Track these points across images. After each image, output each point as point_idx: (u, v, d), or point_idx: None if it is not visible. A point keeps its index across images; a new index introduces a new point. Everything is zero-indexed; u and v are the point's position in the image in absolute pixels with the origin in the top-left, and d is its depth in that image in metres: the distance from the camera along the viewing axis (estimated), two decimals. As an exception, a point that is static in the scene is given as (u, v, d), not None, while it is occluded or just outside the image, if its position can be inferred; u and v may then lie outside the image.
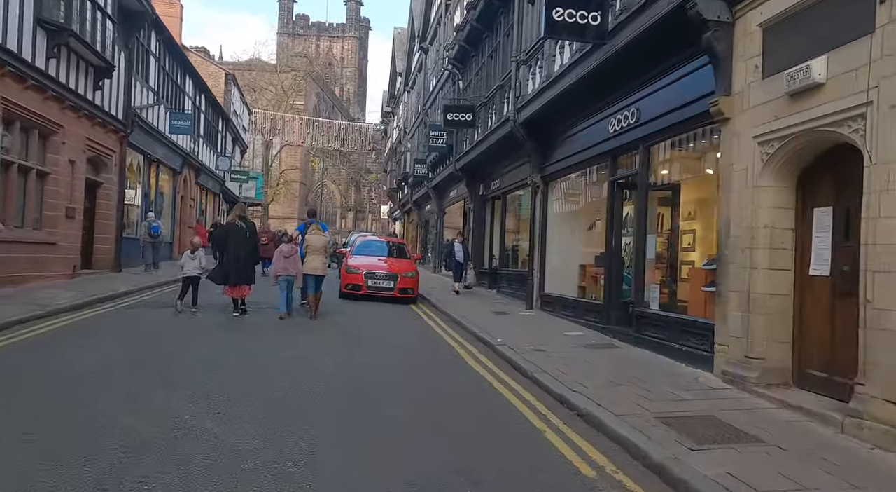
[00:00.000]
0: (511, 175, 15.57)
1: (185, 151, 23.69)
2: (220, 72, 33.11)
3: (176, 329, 9.19)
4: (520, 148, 13.51)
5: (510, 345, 8.72)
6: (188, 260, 10.94)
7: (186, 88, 24.17)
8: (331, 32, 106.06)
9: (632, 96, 8.89)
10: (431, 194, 25.59)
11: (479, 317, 11.92)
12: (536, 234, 12.95)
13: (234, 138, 36.22)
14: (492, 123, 15.55)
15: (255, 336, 8.97)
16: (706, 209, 9.46)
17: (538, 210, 12.92)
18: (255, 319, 10.86)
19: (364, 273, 14.23)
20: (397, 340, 9.40)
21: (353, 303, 13.80)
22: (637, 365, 7.47)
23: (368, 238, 18.03)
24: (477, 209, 19.17)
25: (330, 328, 10.11)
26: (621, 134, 9.22)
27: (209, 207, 31.40)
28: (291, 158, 67.81)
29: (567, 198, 12.44)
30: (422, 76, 28.39)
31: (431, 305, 14.49)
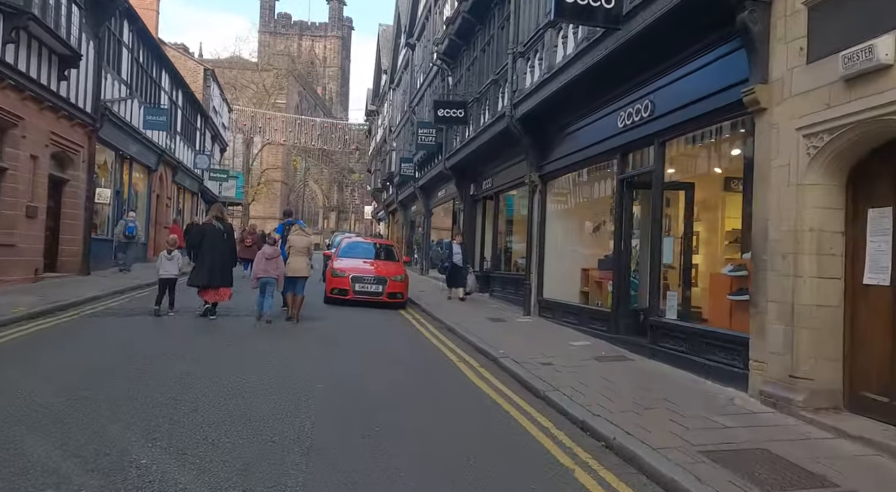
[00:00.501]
0: (505, 174, 14.85)
1: (161, 147, 22.65)
2: (199, 67, 32.01)
3: (144, 340, 8.30)
4: (516, 145, 12.80)
5: (514, 357, 7.98)
6: (165, 261, 10.46)
7: (162, 83, 23.13)
8: (313, 31, 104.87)
9: (645, 88, 8.20)
10: (418, 194, 24.81)
11: (475, 324, 11.17)
12: (534, 235, 12.24)
13: (214, 136, 35.11)
14: (485, 120, 14.81)
15: (233, 346, 8.14)
16: (714, 210, 8.84)
17: (536, 210, 12.21)
18: (234, 325, 10.06)
19: (351, 277, 13.41)
20: (389, 352, 8.60)
21: (339, 308, 12.97)
22: (658, 382, 6.76)
23: (355, 239, 17.17)
24: (467, 210, 18.42)
25: (314, 337, 9.29)
26: (632, 129, 8.52)
27: (187, 207, 30.30)
28: (273, 157, 66.65)
29: (567, 198, 11.74)
30: (408, 73, 27.60)
31: (422, 310, 13.72)
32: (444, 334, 10.48)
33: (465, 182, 18.39)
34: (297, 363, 7.34)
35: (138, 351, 7.50)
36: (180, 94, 25.97)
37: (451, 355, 8.59)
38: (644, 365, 7.65)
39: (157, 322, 9.91)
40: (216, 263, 9.96)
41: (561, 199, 11.93)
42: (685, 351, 7.13)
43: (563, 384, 6.60)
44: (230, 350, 7.99)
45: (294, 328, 10.30)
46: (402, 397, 6.15)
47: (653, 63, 7.86)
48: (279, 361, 7.40)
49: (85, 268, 15.42)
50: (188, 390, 5.78)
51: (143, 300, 12.56)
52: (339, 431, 4.86)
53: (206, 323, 10.12)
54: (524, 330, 10.60)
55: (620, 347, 8.51)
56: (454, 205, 20.58)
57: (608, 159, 9.68)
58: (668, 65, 7.64)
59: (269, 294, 10.23)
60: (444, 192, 21.43)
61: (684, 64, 7.36)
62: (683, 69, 7.40)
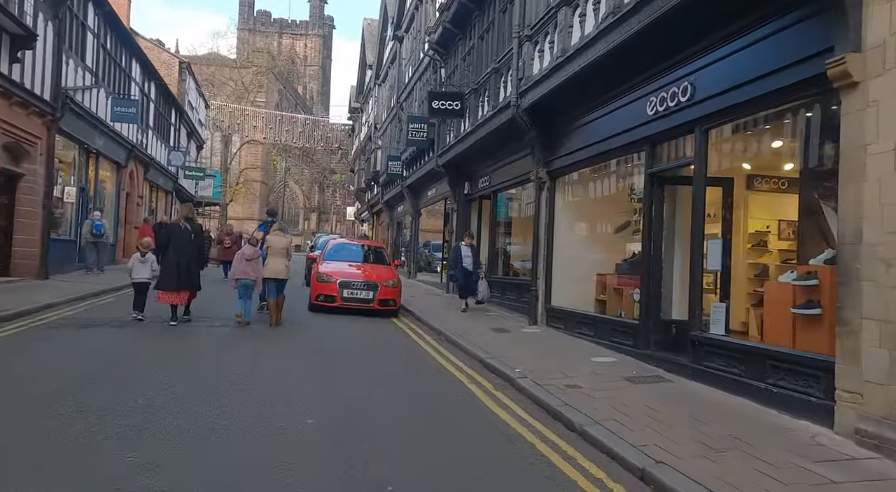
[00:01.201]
0: (505, 171, 13.75)
1: (132, 142, 21.22)
2: (174, 60, 30.51)
3: (98, 359, 7.02)
4: (520, 139, 11.70)
5: (533, 378, 6.89)
6: (138, 264, 9.83)
7: (133, 73, 21.69)
8: (294, 29, 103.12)
9: (683, 68, 7.14)
10: (406, 194, 23.63)
11: (478, 335, 10.06)
12: (541, 237, 11.15)
13: (190, 133, 33.59)
14: (484, 112, 13.71)
15: (206, 363, 6.91)
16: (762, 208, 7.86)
17: (543, 210, 11.12)
18: (209, 335, 8.87)
19: (338, 282, 12.20)
20: (388, 371, 7.42)
21: (326, 317, 11.77)
22: (714, 411, 5.69)
23: (341, 241, 15.89)
24: (461, 210, 17.30)
25: (300, 353, 8.10)
26: (666, 116, 7.46)
27: (160, 206, 28.79)
28: (252, 156, 64.98)
29: (581, 196, 10.67)
30: (395, 67, 26.41)
31: (416, 318, 12.57)
32: (446, 348, 9.35)
33: (459, 180, 17.27)
34: (280, 389, 6.13)
35: (88, 374, 6.24)
36: (153, 86, 24.52)
37: (460, 375, 7.44)
38: (688, 388, 6.57)
39: (119, 334, 8.65)
40: (182, 266, 9.42)
41: (572, 197, 10.86)
42: (740, 373, 6.07)
43: (601, 415, 5.51)
44: (202, 370, 6.77)
45: (276, 337, 9.14)
46: (414, 438, 4.97)
47: (695, 39, 6.81)
48: (260, 386, 6.18)
49: (43, 271, 14.01)
50: (143, 433, 4.56)
51: (105, 308, 11.25)
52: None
53: (177, 333, 8.91)
54: (534, 343, 9.49)
55: (653, 366, 7.44)
56: (446, 205, 19.45)
57: (633, 152, 8.63)
58: (714, 40, 6.59)
59: (247, 296, 9.90)
60: (435, 191, 20.29)
61: (736, 38, 6.31)
62: (735, 44, 6.35)
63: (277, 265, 10.00)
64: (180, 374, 6.50)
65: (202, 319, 10.53)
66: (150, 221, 18.80)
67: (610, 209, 10.12)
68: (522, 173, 12.45)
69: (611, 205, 10.07)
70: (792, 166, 7.32)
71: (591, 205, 10.54)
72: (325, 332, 10.22)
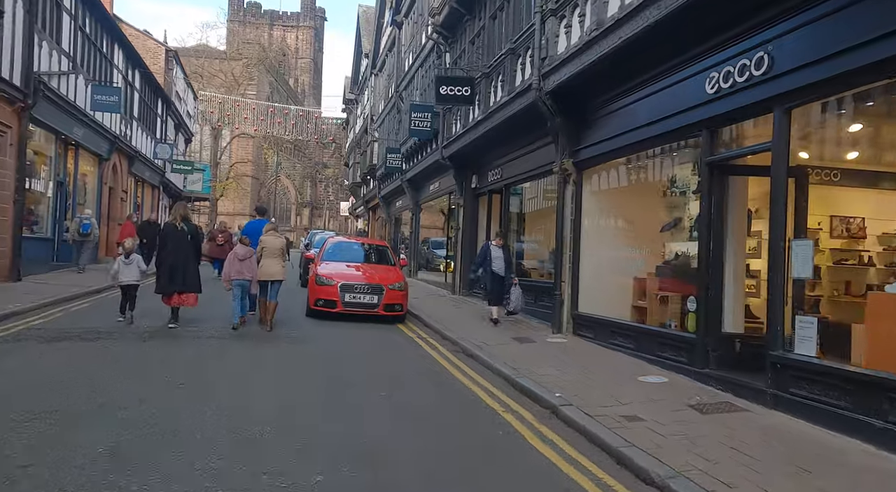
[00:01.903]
0: (520, 163, 12.61)
1: (115, 133, 19.91)
2: (160, 48, 29.12)
3: (65, 384, 5.82)
4: (540, 127, 10.58)
5: (580, 405, 5.80)
6: (123, 266, 9.28)
7: (116, 60, 20.35)
8: (284, 21, 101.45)
9: (758, 35, 6.02)
10: (406, 188, 22.45)
11: (499, 345, 8.97)
12: (565, 236, 10.03)
13: (178, 125, 32.23)
14: (497, 99, 12.56)
15: (186, 389, 5.74)
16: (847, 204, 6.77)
17: (568, 206, 10.00)
18: (193, 347, 7.70)
19: (339, 285, 11.04)
20: (405, 396, 6.25)
21: (326, 324, 10.63)
22: (822, 457, 4.58)
23: (340, 239, 14.65)
24: (468, 205, 16.16)
25: (299, 373, 6.94)
26: (732, 94, 6.34)
27: (147, 201, 27.47)
28: (243, 150, 63.56)
29: (613, 189, 9.55)
30: (394, 55, 25.17)
31: (424, 324, 11.44)
32: (466, 362, 8.23)
33: (465, 173, 16.12)
34: (276, 425, 4.96)
35: (46, 410, 5.05)
36: (137, 75, 23.17)
37: (490, 401, 6.31)
38: (772, 421, 5.47)
39: (91, 351, 7.47)
40: (178, 267, 9.00)
41: (602, 191, 9.74)
42: (844, 406, 4.97)
43: (679, 461, 4.43)
44: (183, 401, 5.59)
45: (272, 353, 7.98)
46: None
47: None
48: (251, 423, 5.02)
49: (14, 273, 12.76)
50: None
51: (79, 316, 10.07)
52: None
53: (158, 347, 7.75)
54: (566, 356, 8.37)
55: (716, 389, 6.34)
56: (450, 199, 18.31)
57: (683, 138, 7.52)
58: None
59: (241, 297, 9.50)
60: (438, 185, 19.12)
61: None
62: (830, 3, 5.24)
63: (273, 267, 9.52)
64: (156, 408, 5.32)
65: (190, 323, 9.42)
66: (133, 218, 17.43)
67: (647, 204, 9.01)
68: (542, 165, 11.32)
69: (648, 199, 8.97)
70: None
71: (625, 199, 9.43)
72: (327, 343, 9.08)
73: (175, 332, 8.87)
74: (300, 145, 69.15)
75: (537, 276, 12.69)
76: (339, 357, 8.14)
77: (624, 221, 9.52)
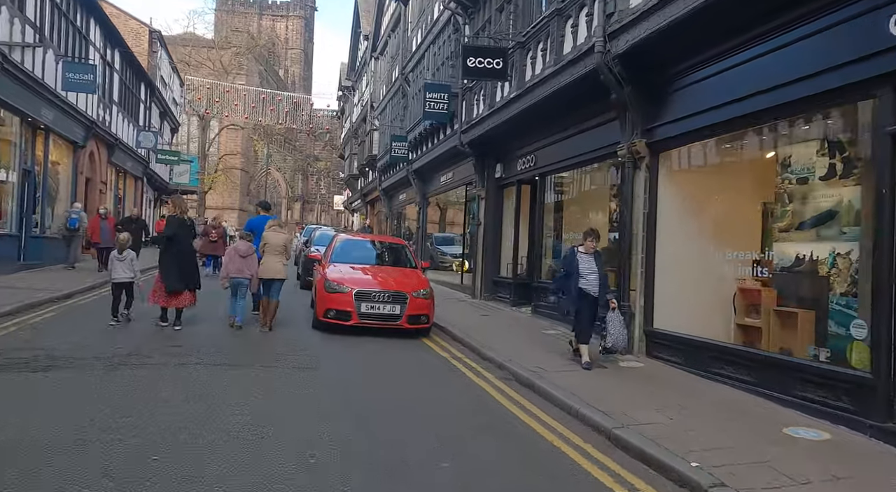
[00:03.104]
0: (563, 147, 10.78)
1: (91, 118, 17.86)
2: (144, 29, 26.95)
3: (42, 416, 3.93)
4: (597, 101, 8.76)
5: (737, 484, 3.95)
6: (116, 263, 8.80)
7: (92, 36, 18.26)
8: (274, 11, 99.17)
9: None
10: (412, 179, 20.55)
11: (560, 372, 7.16)
12: (636, 234, 8.20)
13: (163, 112, 30.11)
14: (536, 72, 10.70)
15: (176, 424, 3.85)
16: None
17: (640, 197, 8.17)
18: (174, 374, 5.72)
19: (354, 293, 9.15)
20: (464, 462, 4.41)
21: (337, 339, 8.81)
22: None
23: (350, 237, 12.62)
24: (490, 197, 14.30)
25: (310, 404, 5.07)
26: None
27: (129, 194, 25.38)
28: (232, 142, 61.26)
29: (702, 175, 7.73)
30: (398, 35, 23.20)
31: (453, 337, 9.63)
32: (526, 396, 6.42)
33: (487, 162, 14.27)
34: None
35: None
36: (117, 55, 21.08)
37: (592, 467, 4.47)
38: None
39: (41, 386, 5.59)
40: (183, 264, 8.68)
41: (687, 177, 7.91)
42: None
43: None
44: (157, 444, 3.68)
45: (275, 378, 6.11)
46: None
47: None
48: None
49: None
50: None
51: (37, 331, 8.17)
52: None
53: (127, 376, 5.81)
54: (656, 389, 6.53)
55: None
56: (467, 191, 16.44)
57: (832, 104, 5.70)
58: None
59: (241, 296, 9.05)
60: (452, 175, 17.23)
61: None
62: None
63: (275, 264, 9.05)
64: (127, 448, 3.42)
65: (172, 340, 7.50)
66: (101, 211, 15.20)
67: (750, 193, 7.20)
68: (595, 149, 9.50)
69: (750, 187, 7.17)
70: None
71: (718, 188, 7.63)
72: (344, 369, 7.23)
73: (151, 356, 6.99)
74: (291, 137, 67.03)
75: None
76: (364, 392, 6.26)
77: (716, 215, 7.69)
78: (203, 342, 8.04)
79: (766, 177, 7.02)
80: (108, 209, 15.18)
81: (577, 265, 7.46)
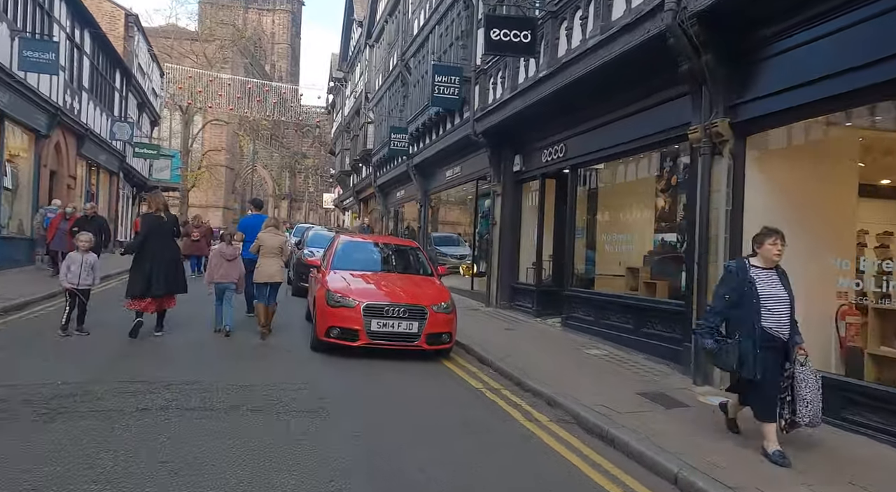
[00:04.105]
0: (599, 135, 9.21)
1: (56, 104, 16.03)
2: (119, 12, 25.01)
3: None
4: (655, 74, 7.24)
5: None
6: (73, 264, 7.89)
7: (57, 13, 16.40)
8: (260, 4, 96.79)
9: None
10: (413, 175, 18.90)
11: (635, 413, 5.59)
12: (713, 237, 6.64)
13: (141, 103, 28.18)
14: (573, 44, 9.12)
15: None
16: None
17: (721, 190, 6.60)
18: (142, 413, 3.99)
19: (364, 308, 7.50)
20: None
21: (341, 362, 7.16)
22: None
23: (352, 239, 10.77)
24: (508, 193, 12.71)
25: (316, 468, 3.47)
26: None
27: (103, 190, 23.49)
28: (216, 138, 59.15)
29: (805, 161, 6.18)
30: (396, 18, 21.52)
31: (480, 359, 8.09)
32: (594, 447, 4.83)
33: (504, 153, 12.67)
34: None
35: None
36: (87, 36, 19.20)
37: None
38: None
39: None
40: (162, 267, 7.89)
41: (787, 166, 6.36)
42: None
43: None
44: None
45: (271, 435, 4.38)
46: None
47: None
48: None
49: None
50: None
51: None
52: None
53: (64, 432, 4.09)
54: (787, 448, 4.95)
55: None
56: (478, 187, 14.84)
57: None
58: None
59: (227, 301, 8.53)
60: (460, 169, 15.61)
61: None
62: None
63: (271, 267, 8.50)
64: None
65: (138, 380, 5.80)
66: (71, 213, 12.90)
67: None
68: (654, 133, 7.94)
69: (877, 176, 5.61)
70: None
71: (829, 178, 6.07)
72: (361, 415, 5.56)
73: (104, 397, 5.30)
74: (278, 134, 65.03)
75: (625, 286, 9.31)
76: (392, 459, 4.60)
77: (826, 213, 6.14)
78: (177, 370, 6.38)
79: (892, 166, 5.49)
80: (75, 208, 13.20)
81: (754, 289, 4.56)
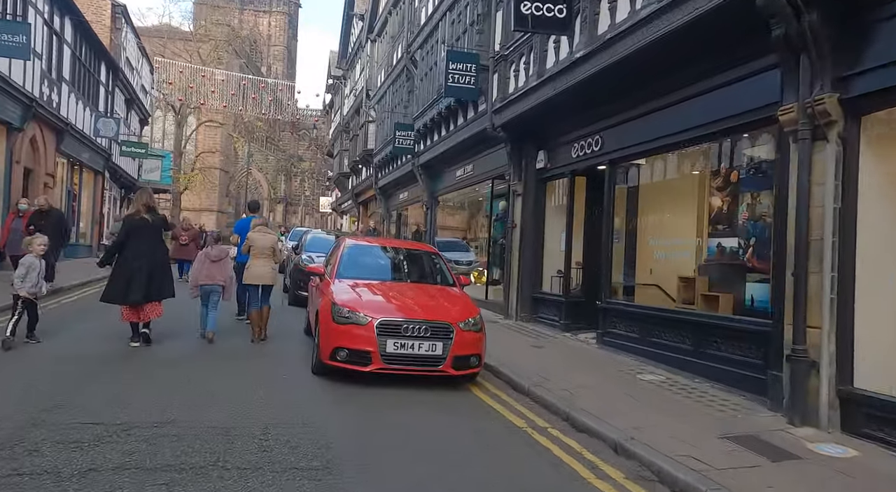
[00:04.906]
0: (649, 123, 7.94)
1: (31, 95, 14.68)
2: (105, 2, 23.66)
3: None
4: (732, 44, 5.99)
5: None
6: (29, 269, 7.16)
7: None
8: (256, 6, 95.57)
9: None
10: (419, 175, 17.61)
11: (735, 469, 4.30)
12: (816, 241, 5.36)
13: (129, 100, 26.81)
14: (618, 18, 7.85)
15: None
16: None
17: (822, 184, 5.33)
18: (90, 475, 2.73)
19: (377, 325, 6.18)
20: None
21: (346, 392, 5.84)
22: None
23: (360, 242, 9.23)
24: (529, 193, 11.43)
25: None
26: None
27: (87, 191, 22.10)
28: (210, 139, 57.70)
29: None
30: (401, 9, 20.27)
31: (514, 386, 6.79)
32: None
33: (526, 149, 11.40)
34: None
35: None
36: (68, 23, 17.86)
37: None
38: None
39: None
40: (146, 271, 7.26)
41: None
42: None
43: None
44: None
45: (256, 457, 3.09)
46: None
47: None
48: None
49: None
50: None
51: None
52: None
53: (9, 467, 2.82)
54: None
55: None
56: (493, 187, 13.56)
57: None
58: None
59: (212, 305, 8.04)
60: (472, 168, 14.33)
61: None
62: None
63: (262, 269, 8.30)
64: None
65: (105, 410, 4.46)
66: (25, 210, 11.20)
67: None
68: (727, 116, 6.67)
69: None
70: None
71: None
72: (369, 461, 4.22)
73: (40, 449, 3.98)
74: (273, 136, 63.75)
75: (676, 299, 8.02)
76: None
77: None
78: (146, 402, 5.07)
79: None
80: (28, 204, 11.49)
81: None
